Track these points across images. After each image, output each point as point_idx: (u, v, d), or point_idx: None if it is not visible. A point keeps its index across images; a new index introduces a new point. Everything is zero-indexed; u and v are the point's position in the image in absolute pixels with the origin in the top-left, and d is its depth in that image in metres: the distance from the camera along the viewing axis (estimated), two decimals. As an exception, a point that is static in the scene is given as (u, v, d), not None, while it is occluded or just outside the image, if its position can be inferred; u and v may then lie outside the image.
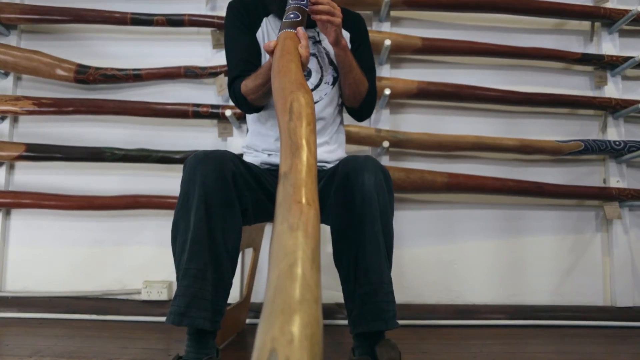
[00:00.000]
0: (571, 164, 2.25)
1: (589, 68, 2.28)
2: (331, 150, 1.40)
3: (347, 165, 1.14)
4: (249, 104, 1.31)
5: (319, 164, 1.32)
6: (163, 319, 1.95)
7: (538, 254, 2.19)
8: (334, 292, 2.05)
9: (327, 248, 2.11)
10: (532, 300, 2.15)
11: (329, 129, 1.41)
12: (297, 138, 0.80)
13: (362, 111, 1.44)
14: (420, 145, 2.08)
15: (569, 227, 2.22)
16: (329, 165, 1.35)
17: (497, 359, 1.46)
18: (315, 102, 1.33)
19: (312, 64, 1.39)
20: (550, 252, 2.20)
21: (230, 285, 1.13)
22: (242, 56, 1.34)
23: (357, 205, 1.09)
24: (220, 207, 1.07)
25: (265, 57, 1.35)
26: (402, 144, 2.06)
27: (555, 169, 2.24)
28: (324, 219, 1.29)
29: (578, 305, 2.12)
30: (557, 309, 2.09)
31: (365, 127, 2.07)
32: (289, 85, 0.93)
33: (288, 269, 0.60)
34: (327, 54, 1.41)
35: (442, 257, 2.16)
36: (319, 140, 1.33)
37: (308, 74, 1.38)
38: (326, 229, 2.09)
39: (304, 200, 0.70)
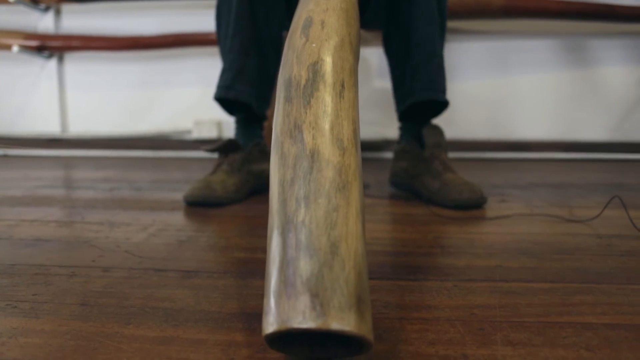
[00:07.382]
0: (649, -15, 2.00)
1: None
2: None
3: None
4: None
5: None
6: (215, 155, 2.06)
7: (601, 88, 2.05)
8: (381, 128, 2.04)
9: (374, 83, 2.07)
10: (590, 137, 2.05)
11: None
12: None
13: None
14: (475, -34, 1.89)
15: (640, 57, 2.03)
16: None
17: (551, 184, 1.38)
18: None
19: None
20: (615, 86, 2.04)
21: (274, 78, 1.11)
22: None
23: None
24: None
25: None
26: (456, -34, 1.88)
27: (629, -8, 2.00)
28: (369, 25, 1.22)
29: (641, 141, 2.02)
30: (617, 145, 2.00)
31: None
32: None
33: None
34: None
35: (495, 92, 2.07)
36: None
37: None
38: (369, 65, 2.03)
39: None
